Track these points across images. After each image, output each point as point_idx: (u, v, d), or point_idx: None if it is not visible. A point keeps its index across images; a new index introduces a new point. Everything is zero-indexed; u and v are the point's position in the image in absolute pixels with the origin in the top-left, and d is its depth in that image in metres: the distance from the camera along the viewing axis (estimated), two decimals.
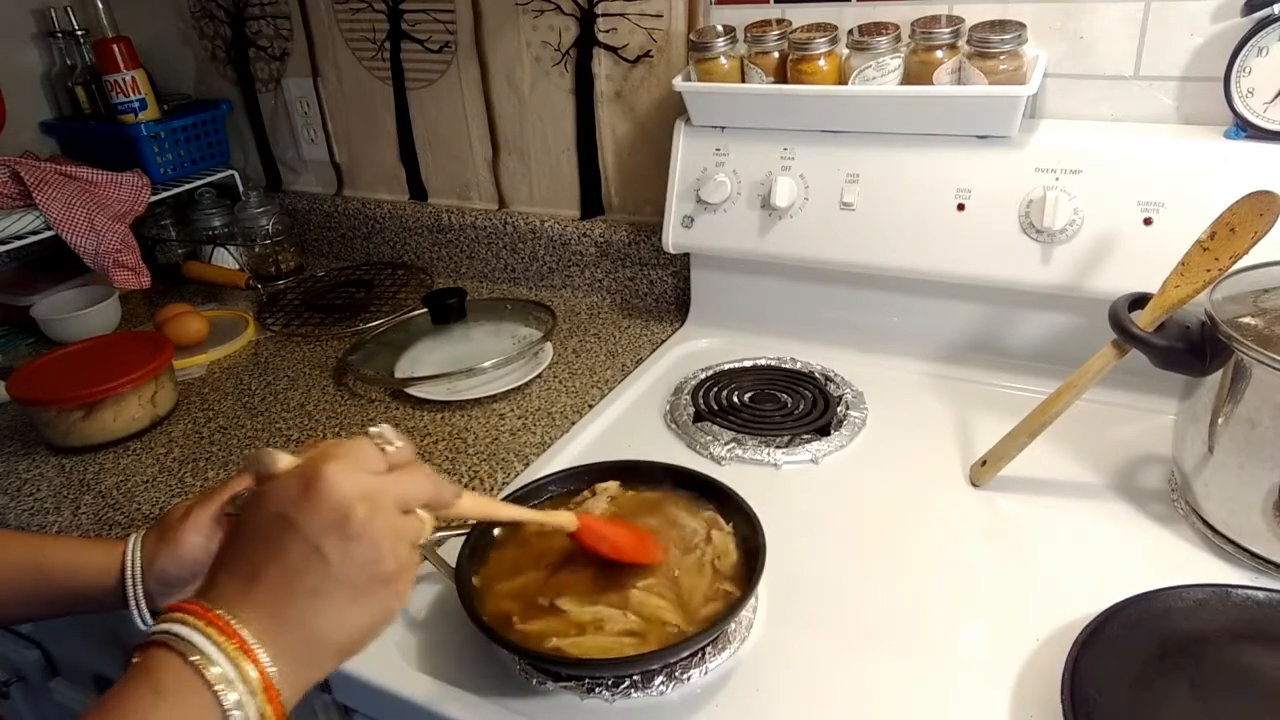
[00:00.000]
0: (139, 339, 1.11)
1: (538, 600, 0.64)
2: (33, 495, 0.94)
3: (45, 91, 1.52)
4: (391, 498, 0.48)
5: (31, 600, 0.68)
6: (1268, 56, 0.80)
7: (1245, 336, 0.64)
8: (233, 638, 0.44)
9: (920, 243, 0.95)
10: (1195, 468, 0.71)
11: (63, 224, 1.26)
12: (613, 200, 1.26)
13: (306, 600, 0.46)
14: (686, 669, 0.63)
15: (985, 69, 0.88)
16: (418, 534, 0.50)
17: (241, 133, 1.56)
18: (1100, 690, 0.56)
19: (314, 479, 0.46)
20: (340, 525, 0.46)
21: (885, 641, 0.65)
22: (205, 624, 0.44)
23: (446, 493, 0.52)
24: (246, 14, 1.44)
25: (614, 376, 1.05)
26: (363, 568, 0.46)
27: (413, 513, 0.50)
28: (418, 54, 1.31)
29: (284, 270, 1.46)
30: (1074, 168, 0.88)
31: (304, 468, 0.47)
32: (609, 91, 1.19)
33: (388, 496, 0.48)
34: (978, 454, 0.81)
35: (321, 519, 0.46)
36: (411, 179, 1.43)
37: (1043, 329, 0.95)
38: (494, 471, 0.90)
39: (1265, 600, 0.62)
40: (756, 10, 1.03)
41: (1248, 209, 0.69)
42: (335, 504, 0.46)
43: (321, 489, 0.46)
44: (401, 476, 0.50)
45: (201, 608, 0.45)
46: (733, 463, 0.87)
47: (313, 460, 0.47)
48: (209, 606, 0.45)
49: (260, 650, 0.44)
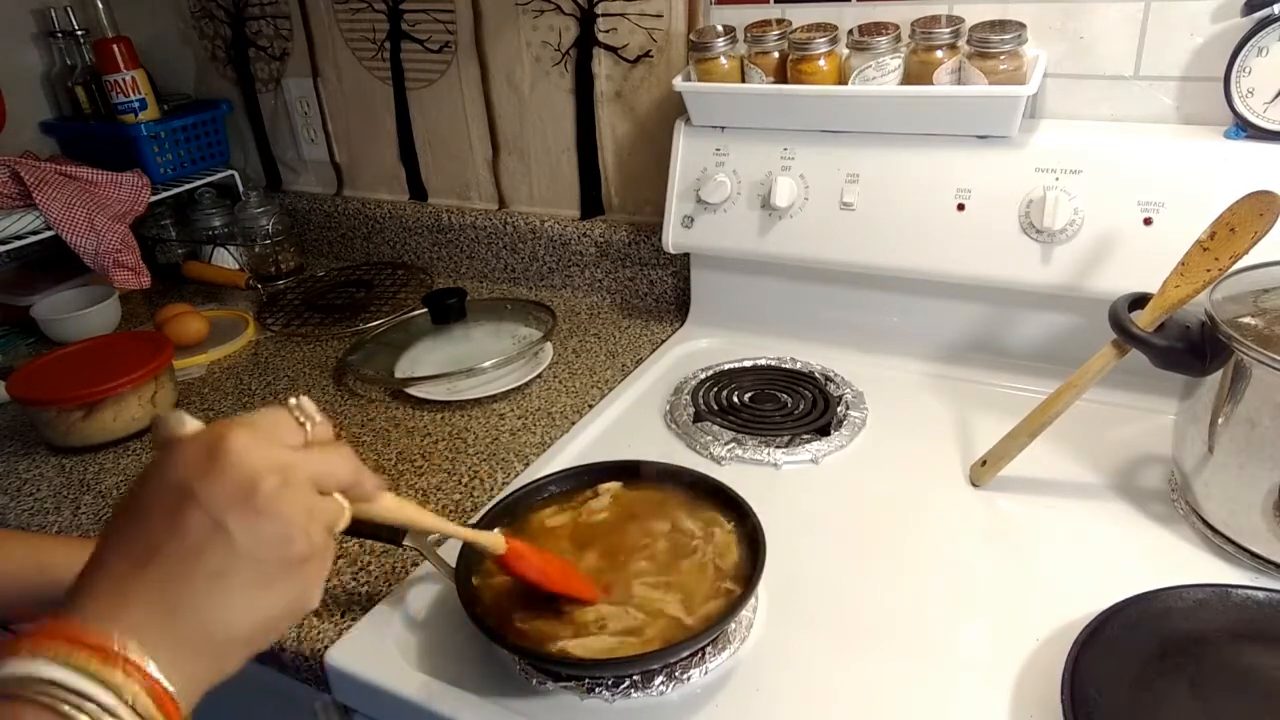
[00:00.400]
0: (139, 339, 1.11)
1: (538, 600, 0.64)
2: (33, 495, 0.94)
3: (45, 91, 1.52)
4: (306, 474, 0.43)
5: (33, 600, 0.68)
6: (1268, 56, 0.80)
7: (1245, 336, 0.64)
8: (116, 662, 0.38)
9: (920, 243, 0.95)
10: (1195, 468, 0.71)
11: (63, 224, 1.26)
12: (613, 200, 1.26)
13: (208, 584, 0.40)
14: (686, 669, 0.63)
15: (985, 69, 0.88)
16: (335, 518, 0.45)
17: (241, 133, 1.56)
18: (1100, 690, 0.56)
19: (219, 445, 0.41)
20: (247, 498, 0.41)
21: (885, 641, 0.65)
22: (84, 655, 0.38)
23: (368, 482, 0.48)
24: (246, 14, 1.44)
25: (614, 376, 1.05)
26: (271, 547, 0.41)
27: (330, 495, 0.45)
28: (418, 54, 1.31)
29: (284, 270, 1.46)
30: (1074, 168, 0.88)
31: (209, 433, 0.42)
32: (609, 91, 1.19)
33: (302, 472, 0.43)
34: (978, 454, 0.81)
35: (226, 491, 0.40)
36: (411, 179, 1.43)
37: (1043, 329, 0.95)
38: (494, 471, 0.89)
39: (1265, 600, 0.62)
40: (756, 10, 1.03)
41: (1248, 209, 0.69)
42: (242, 474, 0.41)
43: (227, 457, 0.41)
44: (319, 453, 0.45)
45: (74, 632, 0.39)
46: (733, 463, 0.87)
47: (220, 426, 0.42)
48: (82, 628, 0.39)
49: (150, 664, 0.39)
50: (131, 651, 0.38)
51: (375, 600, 0.72)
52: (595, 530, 0.71)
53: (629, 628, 0.62)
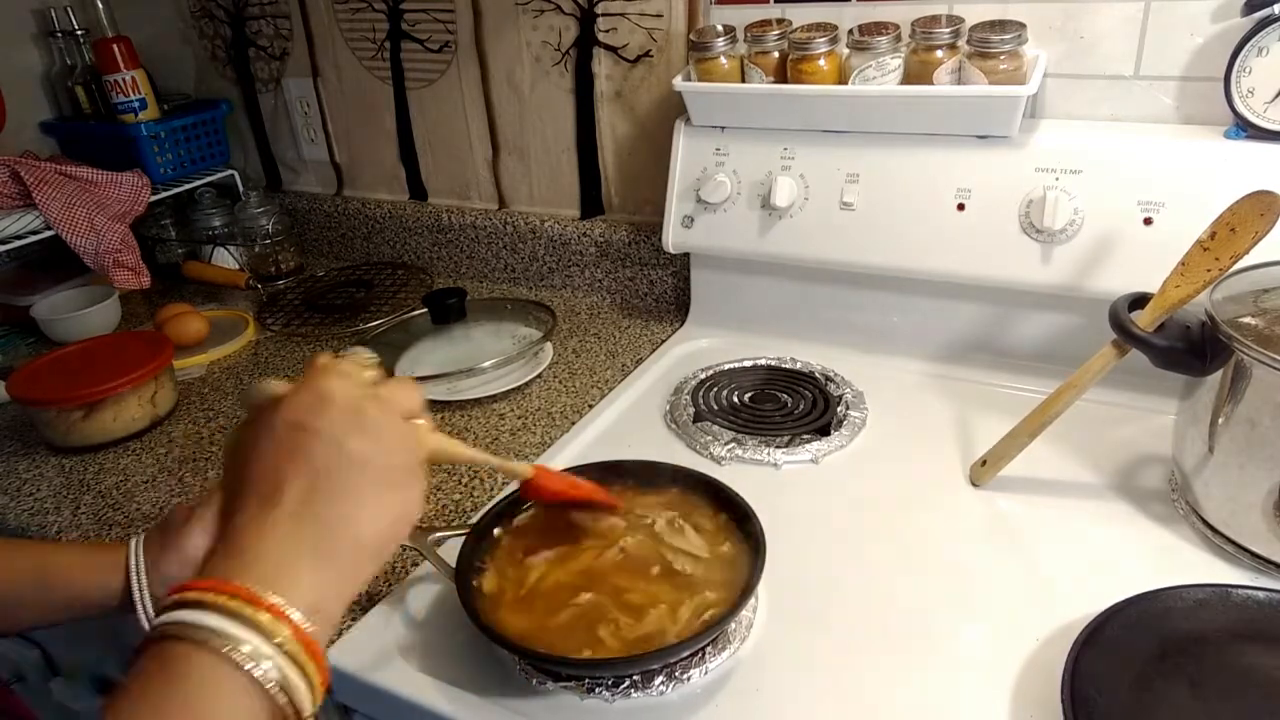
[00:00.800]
0: (139, 339, 1.11)
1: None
2: (33, 495, 0.94)
3: (45, 91, 1.52)
4: (393, 403, 0.52)
5: (34, 607, 0.67)
6: (1268, 56, 0.80)
7: (1245, 336, 0.64)
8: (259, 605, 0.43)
9: (920, 243, 0.95)
10: (1195, 468, 0.71)
11: (63, 224, 1.26)
12: (613, 200, 1.26)
13: (339, 499, 0.47)
14: (686, 669, 0.63)
15: (985, 69, 0.88)
16: (421, 439, 0.54)
17: (241, 133, 1.56)
18: (1100, 690, 0.56)
19: (322, 389, 0.50)
20: (358, 422, 0.49)
21: (885, 641, 0.65)
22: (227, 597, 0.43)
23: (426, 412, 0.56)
24: (246, 14, 1.44)
25: (614, 376, 1.05)
26: (384, 456, 0.49)
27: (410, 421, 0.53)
28: (418, 54, 1.31)
29: (284, 270, 1.46)
30: (1074, 168, 0.88)
31: (308, 383, 0.50)
32: (609, 91, 1.19)
33: (390, 400, 0.52)
34: (978, 454, 0.81)
35: (340, 420, 0.49)
36: (411, 179, 1.43)
37: (1043, 329, 0.95)
38: (494, 471, 0.89)
39: (1265, 600, 0.62)
40: (756, 10, 1.03)
41: (1248, 209, 0.69)
42: (349, 405, 0.49)
43: (332, 395, 0.49)
44: (394, 385, 0.53)
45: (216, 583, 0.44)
46: (733, 463, 0.87)
47: (310, 376, 0.51)
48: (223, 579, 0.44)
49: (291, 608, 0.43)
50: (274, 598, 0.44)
51: (375, 600, 0.72)
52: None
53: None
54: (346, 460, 0.48)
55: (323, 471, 0.48)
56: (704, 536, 0.69)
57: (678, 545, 0.68)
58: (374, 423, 0.50)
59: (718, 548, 0.68)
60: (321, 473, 0.48)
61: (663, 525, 0.69)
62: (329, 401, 0.49)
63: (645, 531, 0.69)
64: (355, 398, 0.50)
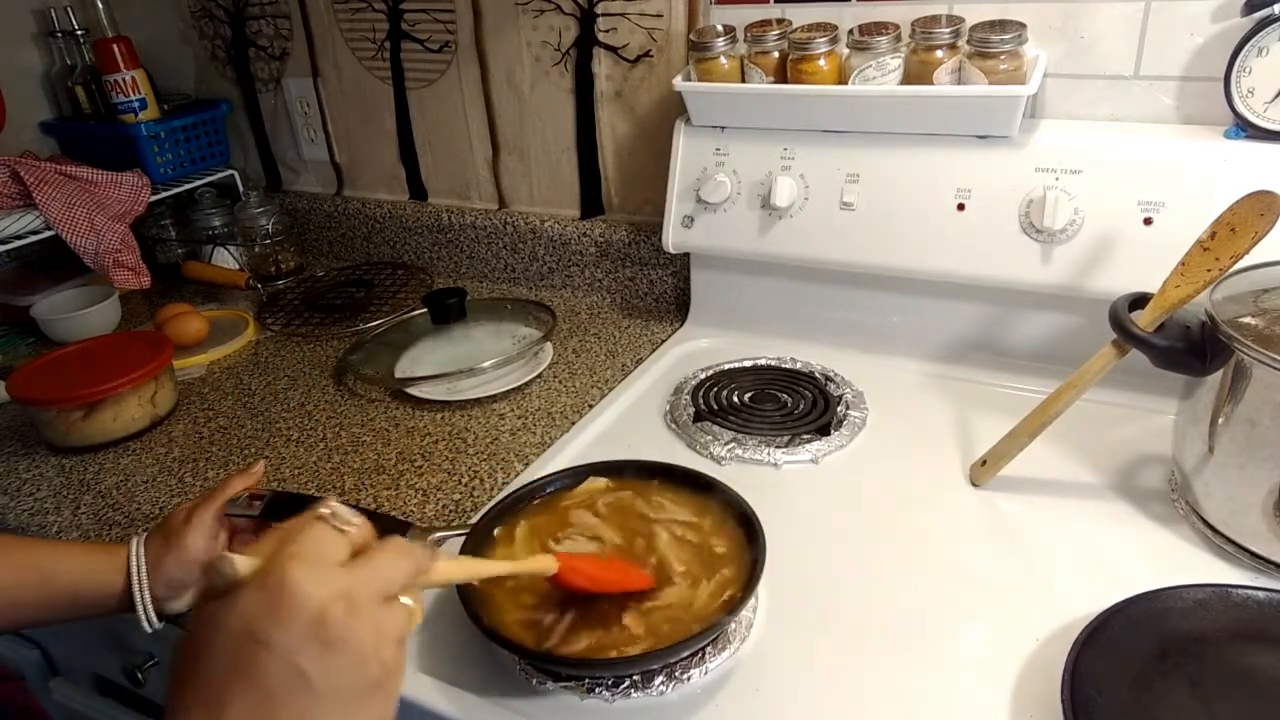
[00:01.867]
0: (139, 339, 1.11)
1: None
2: (33, 495, 0.94)
3: (45, 91, 1.52)
4: (369, 589, 0.43)
5: (34, 606, 0.67)
6: (1268, 56, 0.80)
7: (1245, 336, 0.64)
8: None
9: (920, 243, 0.95)
10: (1195, 468, 0.71)
11: (63, 224, 1.26)
12: (613, 200, 1.26)
13: None
14: (686, 669, 0.63)
15: (985, 69, 0.88)
16: (405, 626, 0.44)
17: (241, 133, 1.56)
18: (1100, 690, 0.56)
19: (281, 588, 0.40)
20: (317, 634, 0.40)
21: (885, 641, 0.65)
22: None
23: (423, 561, 0.47)
24: (246, 14, 1.44)
25: (614, 376, 1.05)
26: (349, 677, 0.41)
27: (395, 600, 0.44)
28: (418, 54, 1.31)
29: (284, 270, 1.46)
30: (1074, 168, 0.88)
31: (265, 575, 0.41)
32: (609, 91, 1.19)
33: (365, 588, 0.43)
34: (978, 454, 0.81)
35: (297, 632, 0.40)
36: (411, 179, 1.43)
37: (1043, 329, 0.95)
38: (494, 471, 0.89)
39: (1265, 600, 0.62)
40: (756, 10, 1.03)
41: (1248, 209, 0.69)
42: (310, 611, 0.40)
43: (293, 598, 0.40)
44: (373, 560, 0.44)
45: None
46: (733, 462, 0.87)
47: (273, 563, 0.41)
48: None
49: None
50: None
51: None
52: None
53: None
54: (301, 684, 0.40)
55: (275, 697, 0.40)
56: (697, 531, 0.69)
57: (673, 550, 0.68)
58: (339, 634, 0.40)
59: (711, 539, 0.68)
60: (267, 697, 0.40)
61: (666, 539, 0.69)
62: (288, 608, 0.40)
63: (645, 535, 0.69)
64: (319, 601, 0.40)
